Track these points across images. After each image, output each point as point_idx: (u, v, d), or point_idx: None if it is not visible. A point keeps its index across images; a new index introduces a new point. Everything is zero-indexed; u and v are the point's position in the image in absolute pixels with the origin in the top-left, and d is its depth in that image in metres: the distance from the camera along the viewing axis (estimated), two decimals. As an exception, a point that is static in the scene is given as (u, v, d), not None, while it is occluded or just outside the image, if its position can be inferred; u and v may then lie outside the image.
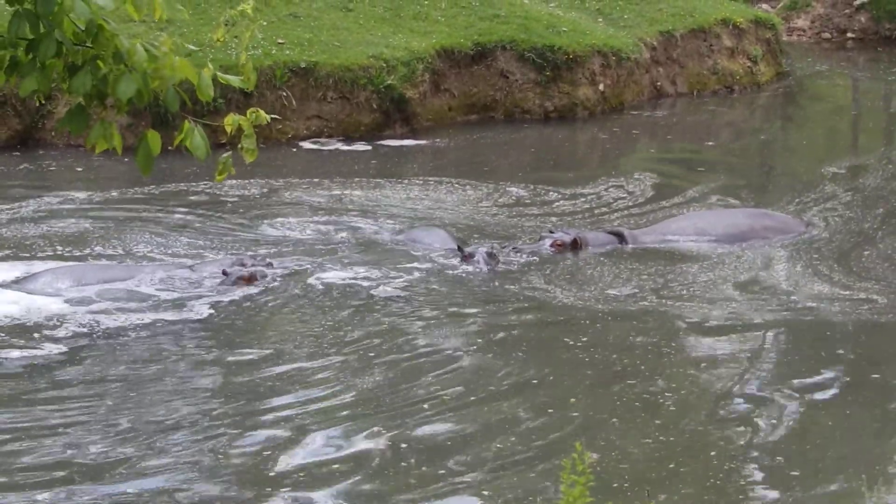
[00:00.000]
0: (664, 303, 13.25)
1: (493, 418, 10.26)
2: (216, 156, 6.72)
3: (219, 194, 18.11)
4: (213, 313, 12.77)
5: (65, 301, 12.93)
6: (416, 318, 12.72)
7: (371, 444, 9.68)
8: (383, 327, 12.45)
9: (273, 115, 7.08)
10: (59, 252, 14.89)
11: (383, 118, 23.43)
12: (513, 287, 13.75)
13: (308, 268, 14.23)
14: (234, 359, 11.63)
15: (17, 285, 13.45)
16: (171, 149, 6.48)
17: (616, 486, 8.99)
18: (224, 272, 13.48)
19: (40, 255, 14.77)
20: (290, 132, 22.55)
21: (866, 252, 15.30)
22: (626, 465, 9.34)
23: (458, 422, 10.16)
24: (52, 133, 21.69)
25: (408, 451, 9.58)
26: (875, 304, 13.22)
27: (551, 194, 18.68)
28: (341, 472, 9.26)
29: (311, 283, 13.73)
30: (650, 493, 8.93)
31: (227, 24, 6.84)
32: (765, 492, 9.00)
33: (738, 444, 9.73)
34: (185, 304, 12.97)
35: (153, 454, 9.53)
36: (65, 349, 11.72)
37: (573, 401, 10.68)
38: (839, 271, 14.41)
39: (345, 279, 13.85)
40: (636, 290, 13.66)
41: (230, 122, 6.57)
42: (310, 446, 9.69)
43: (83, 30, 6.09)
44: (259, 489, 9.01)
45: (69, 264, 14.10)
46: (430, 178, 19.71)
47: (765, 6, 41.76)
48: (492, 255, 14.27)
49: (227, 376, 11.20)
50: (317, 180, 19.34)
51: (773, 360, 11.70)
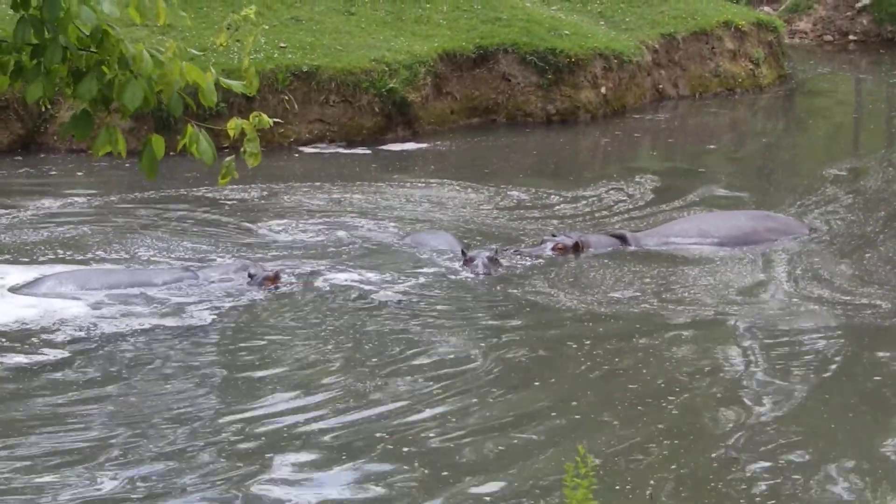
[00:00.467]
0: (666, 306, 13.25)
1: (494, 421, 10.26)
2: (218, 160, 6.74)
3: (220, 198, 18.12)
4: (216, 317, 12.77)
5: (69, 305, 12.93)
6: (418, 322, 12.72)
7: (372, 448, 9.69)
8: (385, 330, 12.46)
9: (275, 119, 7.09)
10: (60, 256, 14.88)
11: (385, 122, 23.44)
12: (515, 290, 13.75)
13: (311, 271, 14.24)
14: (236, 362, 11.64)
15: (21, 290, 13.44)
16: (171, 153, 6.48)
17: (618, 488, 9.00)
18: (250, 273, 13.55)
19: (41, 259, 14.76)
20: (293, 136, 22.57)
21: (868, 255, 15.30)
22: (628, 468, 9.35)
23: (460, 424, 10.16)
24: (55, 137, 21.70)
25: (409, 455, 9.58)
26: (878, 307, 13.22)
27: (552, 197, 18.68)
28: (342, 475, 9.26)
29: (313, 286, 13.74)
30: (652, 495, 8.94)
31: (229, 29, 6.86)
32: (767, 494, 9.01)
33: (740, 447, 9.74)
34: (190, 308, 12.97)
35: (154, 459, 9.54)
36: (67, 353, 11.73)
37: (575, 403, 10.69)
38: (841, 274, 14.41)
39: (348, 282, 13.86)
40: (638, 294, 13.67)
41: (233, 126, 6.59)
42: (311, 450, 9.70)
43: (87, 35, 6.12)
44: (260, 492, 9.02)
45: (73, 269, 14.10)
46: (432, 182, 19.72)
47: (767, 9, 41.76)
48: (493, 260, 14.25)
49: (228, 380, 11.21)
50: (318, 184, 19.36)
51: (775, 362, 11.70)
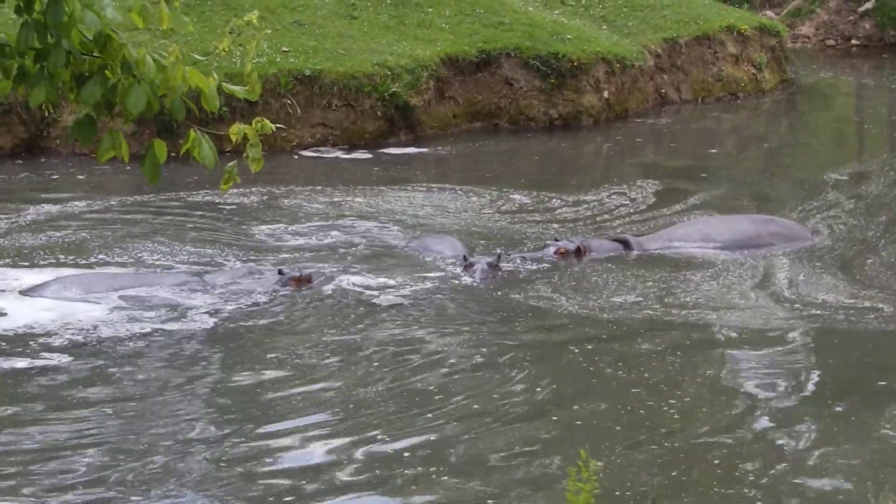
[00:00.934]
0: (669, 311, 13.24)
1: (496, 426, 10.25)
2: (221, 164, 6.74)
3: (221, 202, 18.13)
4: (220, 322, 12.76)
5: (74, 309, 12.93)
6: (420, 326, 12.72)
7: (374, 453, 9.68)
8: (387, 335, 12.46)
9: (278, 125, 7.10)
10: (61, 260, 14.87)
11: (388, 126, 23.46)
12: (517, 295, 13.75)
13: (315, 275, 14.23)
14: (239, 366, 11.63)
15: (26, 293, 13.43)
16: (173, 155, 6.48)
17: (619, 494, 8.99)
18: (280, 272, 13.76)
19: (41, 263, 14.76)
20: (295, 140, 22.59)
21: (870, 260, 15.30)
22: (629, 473, 9.34)
23: (461, 430, 10.16)
24: (57, 141, 21.72)
25: (411, 460, 9.58)
26: (881, 311, 13.22)
27: (554, 201, 18.68)
28: (344, 480, 9.26)
29: (317, 290, 13.74)
30: (654, 501, 8.93)
31: (232, 34, 6.86)
32: (770, 499, 9.00)
33: (743, 453, 9.73)
34: (194, 312, 12.96)
35: (157, 464, 9.54)
36: (71, 357, 11.72)
37: (576, 408, 10.69)
38: (844, 279, 14.41)
39: (350, 286, 13.86)
40: (640, 298, 13.66)
41: (235, 131, 6.59)
42: (313, 455, 9.70)
43: (91, 39, 6.12)
44: (263, 496, 9.02)
45: (78, 273, 14.08)
46: (433, 186, 19.72)
47: (769, 13, 41.79)
48: (492, 266, 14.23)
49: (231, 384, 11.20)
50: (319, 188, 19.37)
51: (778, 367, 11.70)
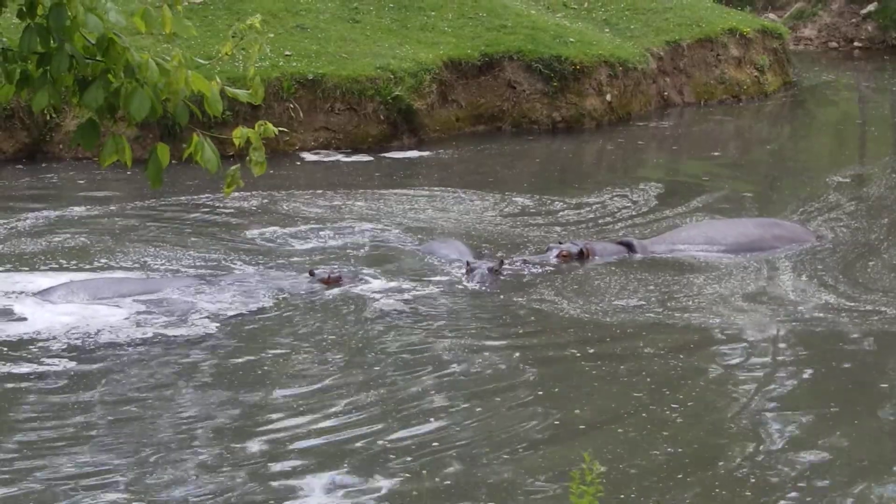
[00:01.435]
0: (672, 314, 13.25)
1: (499, 429, 10.27)
2: (223, 168, 6.75)
3: (222, 206, 18.16)
4: (225, 326, 12.78)
5: (81, 314, 12.93)
6: (421, 330, 12.73)
7: (375, 456, 9.70)
8: (389, 339, 12.47)
9: (281, 128, 7.10)
10: (63, 265, 14.88)
11: (391, 129, 23.48)
12: (520, 299, 13.76)
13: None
14: (244, 371, 11.65)
15: (33, 299, 13.43)
16: (174, 161, 6.49)
17: (623, 496, 9.00)
18: (311, 272, 14.04)
19: (42, 268, 14.77)
20: (298, 144, 22.61)
21: (872, 262, 15.30)
22: (633, 476, 9.35)
23: (465, 433, 10.17)
24: (60, 146, 21.74)
25: (413, 463, 9.59)
26: (883, 314, 13.22)
27: (556, 204, 18.70)
28: (347, 485, 9.26)
29: (319, 294, 13.75)
30: (657, 503, 8.94)
31: (234, 38, 6.87)
32: (773, 501, 9.01)
33: (746, 455, 9.74)
34: (201, 316, 12.96)
35: (160, 468, 9.56)
36: (77, 363, 11.73)
37: (578, 412, 10.70)
38: (846, 282, 14.41)
39: (354, 290, 13.87)
40: (643, 302, 13.66)
41: (238, 134, 6.59)
42: (314, 457, 9.72)
43: (93, 43, 6.12)
44: (265, 500, 9.04)
45: (85, 278, 14.08)
46: (435, 189, 19.74)
47: (772, 16, 41.80)
48: (493, 271, 14.22)
49: (235, 388, 11.21)
50: (320, 192, 19.39)
51: (780, 369, 11.71)
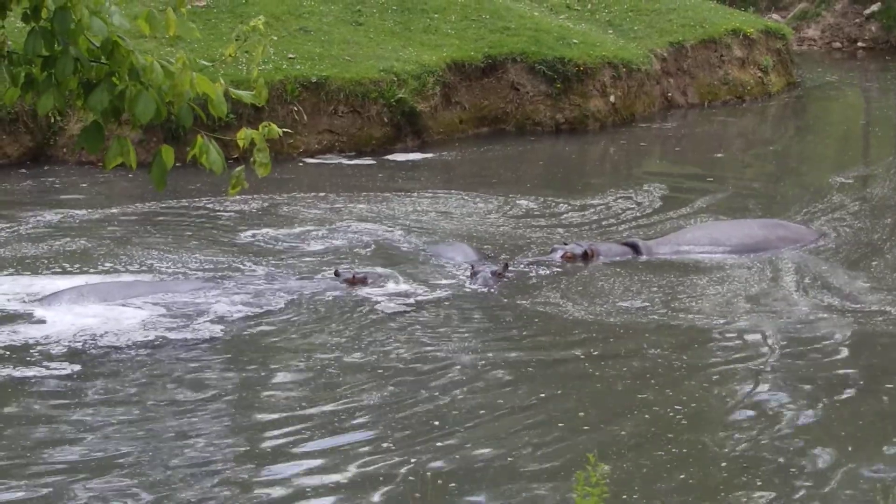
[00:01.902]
0: (676, 315, 13.24)
1: (503, 432, 10.26)
2: (227, 170, 6.75)
3: (226, 209, 18.17)
4: (235, 329, 12.78)
5: (90, 318, 12.93)
6: (424, 333, 12.72)
7: (379, 461, 9.69)
8: (393, 343, 12.46)
9: (284, 130, 7.11)
10: (65, 269, 14.87)
11: (394, 132, 23.48)
12: (524, 301, 13.75)
13: (317, 283, 14.26)
14: (249, 375, 11.65)
15: (42, 303, 13.44)
16: (178, 165, 6.50)
17: (626, 497, 8.99)
18: (336, 273, 14.15)
19: (44, 272, 14.76)
20: (302, 147, 22.62)
21: (877, 262, 15.29)
22: (637, 478, 9.34)
23: (469, 437, 10.16)
24: (64, 150, 21.75)
25: (418, 467, 9.58)
26: (888, 314, 13.21)
27: (560, 206, 18.69)
28: (350, 490, 9.26)
29: (326, 296, 13.75)
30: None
31: (238, 40, 6.88)
32: (777, 502, 9.00)
33: (750, 456, 9.73)
34: (213, 320, 12.97)
35: (164, 472, 9.56)
36: (87, 367, 11.71)
37: (582, 414, 10.69)
38: (850, 282, 14.40)
39: (358, 293, 13.86)
40: (647, 303, 13.65)
41: (243, 136, 6.61)
42: (316, 461, 9.72)
43: (98, 46, 6.14)
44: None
45: (94, 282, 14.09)
46: (439, 191, 19.73)
47: (775, 16, 41.79)
48: (497, 274, 14.22)
49: (240, 392, 11.21)
50: (322, 194, 19.39)
51: (785, 370, 11.69)
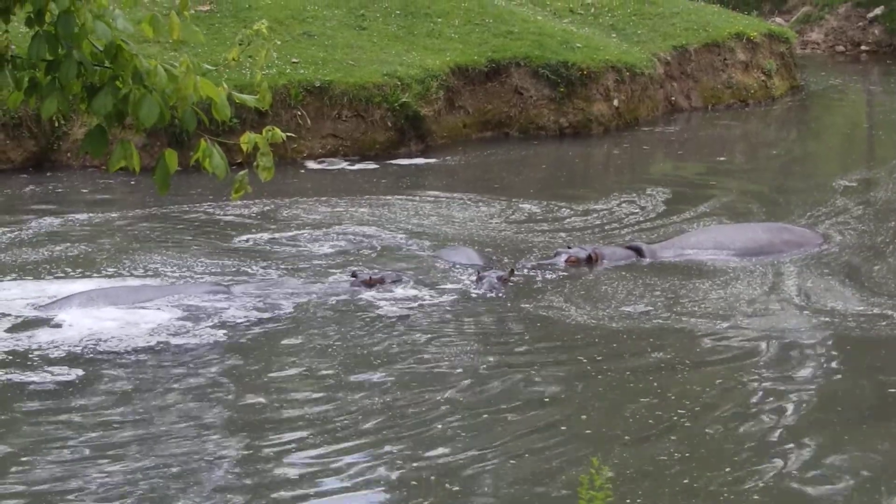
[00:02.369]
0: (679, 319, 13.24)
1: (507, 435, 10.26)
2: (231, 174, 6.76)
3: (229, 213, 18.19)
4: (240, 333, 12.79)
5: (100, 322, 12.95)
6: (428, 337, 12.73)
7: (384, 464, 9.69)
8: (396, 346, 12.47)
9: (288, 134, 7.11)
10: (69, 274, 14.89)
11: (398, 136, 23.49)
12: (527, 305, 13.75)
13: (323, 287, 14.28)
14: (254, 378, 11.66)
15: (53, 307, 13.46)
16: (179, 169, 6.50)
17: (630, 501, 8.99)
18: (353, 274, 14.27)
19: (53, 276, 14.79)
20: (305, 151, 22.64)
21: (881, 267, 15.27)
22: (640, 481, 9.33)
23: (472, 440, 10.16)
24: (68, 155, 21.78)
25: (421, 470, 9.58)
26: (891, 318, 13.19)
27: (563, 210, 18.69)
28: (353, 493, 9.26)
29: (330, 302, 13.76)
30: (666, 507, 8.94)
31: (241, 44, 6.88)
32: (781, 507, 9.02)
33: (753, 460, 9.72)
34: (218, 325, 12.99)
35: (167, 477, 9.57)
36: (94, 371, 11.73)
37: (584, 417, 10.69)
38: (854, 286, 14.39)
39: (366, 297, 13.87)
40: (650, 308, 13.64)
41: (246, 140, 6.60)
42: (317, 464, 9.72)
43: (102, 50, 6.14)
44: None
45: (103, 286, 14.13)
46: (441, 195, 19.74)
47: (778, 20, 41.81)
48: (502, 279, 14.21)
49: (245, 395, 11.22)
50: (324, 198, 19.41)
51: (788, 374, 11.69)
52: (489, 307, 13.71)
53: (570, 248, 15.49)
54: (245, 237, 16.82)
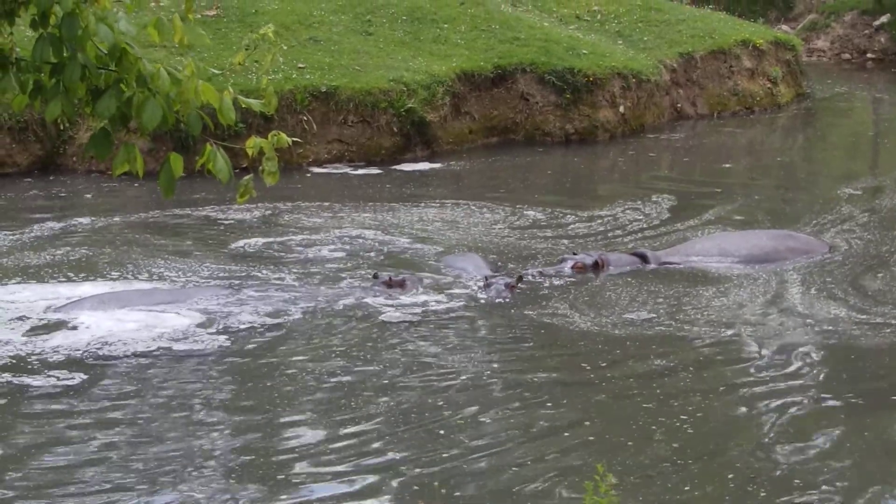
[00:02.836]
0: (682, 326, 13.22)
1: (510, 442, 10.26)
2: (236, 179, 6.76)
3: (235, 218, 18.20)
4: (249, 337, 12.79)
5: (111, 325, 12.96)
6: (432, 343, 12.73)
7: (387, 469, 9.68)
8: (402, 351, 12.47)
9: (294, 139, 7.11)
10: (70, 278, 14.89)
11: (404, 141, 23.49)
12: (531, 312, 13.74)
13: (330, 291, 14.28)
14: (260, 382, 11.65)
15: (63, 309, 13.47)
16: (183, 175, 6.50)
17: (634, 507, 9.00)
18: (375, 275, 14.46)
19: (51, 280, 14.78)
20: (311, 156, 22.65)
21: (884, 274, 15.25)
22: (642, 489, 9.32)
23: (475, 447, 10.15)
24: (74, 159, 21.80)
25: (424, 475, 9.58)
26: (895, 327, 13.18)
27: (567, 217, 18.68)
28: (356, 498, 9.25)
29: (339, 307, 13.75)
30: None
31: (247, 49, 6.89)
32: (784, 514, 9.01)
33: (756, 468, 9.71)
34: (227, 328, 12.99)
35: (171, 482, 9.57)
36: (104, 374, 11.74)
37: (588, 423, 10.68)
38: (859, 294, 14.37)
39: (370, 303, 13.87)
40: (654, 315, 13.62)
41: (251, 144, 6.60)
42: (319, 470, 9.71)
43: (106, 53, 6.15)
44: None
45: (114, 289, 14.15)
46: (446, 201, 19.73)
47: (785, 27, 41.82)
48: (510, 286, 14.20)
49: (249, 399, 11.22)
50: (327, 203, 19.41)
51: (791, 382, 11.66)
52: (495, 313, 13.70)
53: (575, 254, 15.48)
54: (250, 241, 16.82)
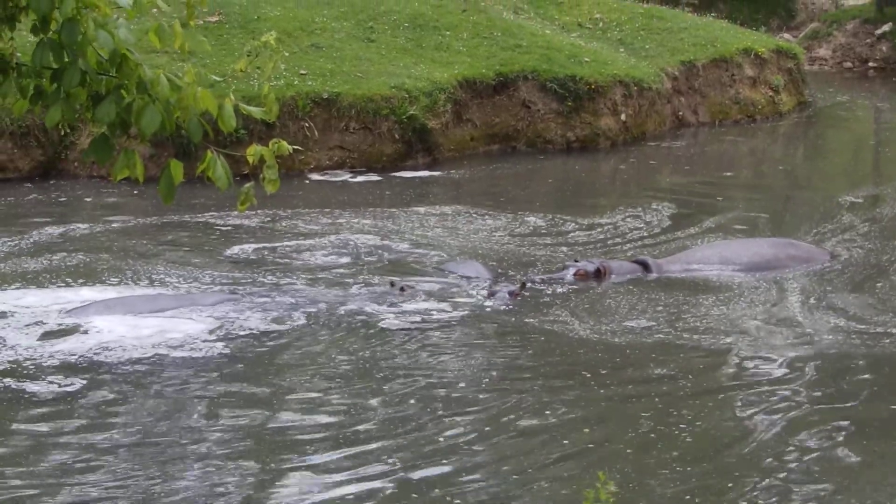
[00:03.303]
0: (682, 335, 13.22)
1: (509, 449, 10.24)
2: (236, 186, 6.76)
3: (235, 224, 18.20)
4: (253, 343, 12.79)
5: (116, 331, 12.97)
6: (432, 350, 12.72)
7: (386, 477, 9.67)
8: (403, 357, 12.47)
9: (295, 146, 7.11)
10: (69, 284, 14.89)
11: (405, 148, 23.50)
12: (532, 319, 13.73)
13: (332, 297, 14.28)
14: (263, 387, 11.64)
15: (69, 315, 13.47)
16: (184, 181, 6.50)
17: (634, 516, 8.99)
18: (392, 283, 14.53)
19: (48, 286, 14.79)
20: (313, 163, 22.65)
21: (885, 283, 15.25)
22: (642, 497, 9.31)
23: (474, 454, 10.14)
24: (75, 164, 21.81)
25: (423, 483, 9.57)
26: (895, 336, 13.17)
27: (568, 224, 18.68)
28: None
29: (342, 313, 13.75)
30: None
31: (249, 55, 6.89)
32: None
33: (755, 477, 9.69)
34: (232, 334, 13.00)
35: (171, 485, 9.57)
36: (109, 379, 11.74)
37: (587, 431, 10.67)
38: (858, 303, 14.36)
39: (371, 310, 13.86)
40: (653, 323, 13.62)
41: (252, 152, 6.61)
42: (321, 475, 9.70)
43: (106, 59, 6.16)
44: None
45: (119, 295, 14.18)
46: (447, 208, 19.73)
47: (786, 35, 41.87)
48: (514, 294, 14.21)
49: (252, 404, 11.21)
50: (327, 210, 19.42)
51: (791, 391, 11.66)
52: (496, 321, 13.70)
53: (577, 261, 15.48)
54: (250, 247, 16.82)
